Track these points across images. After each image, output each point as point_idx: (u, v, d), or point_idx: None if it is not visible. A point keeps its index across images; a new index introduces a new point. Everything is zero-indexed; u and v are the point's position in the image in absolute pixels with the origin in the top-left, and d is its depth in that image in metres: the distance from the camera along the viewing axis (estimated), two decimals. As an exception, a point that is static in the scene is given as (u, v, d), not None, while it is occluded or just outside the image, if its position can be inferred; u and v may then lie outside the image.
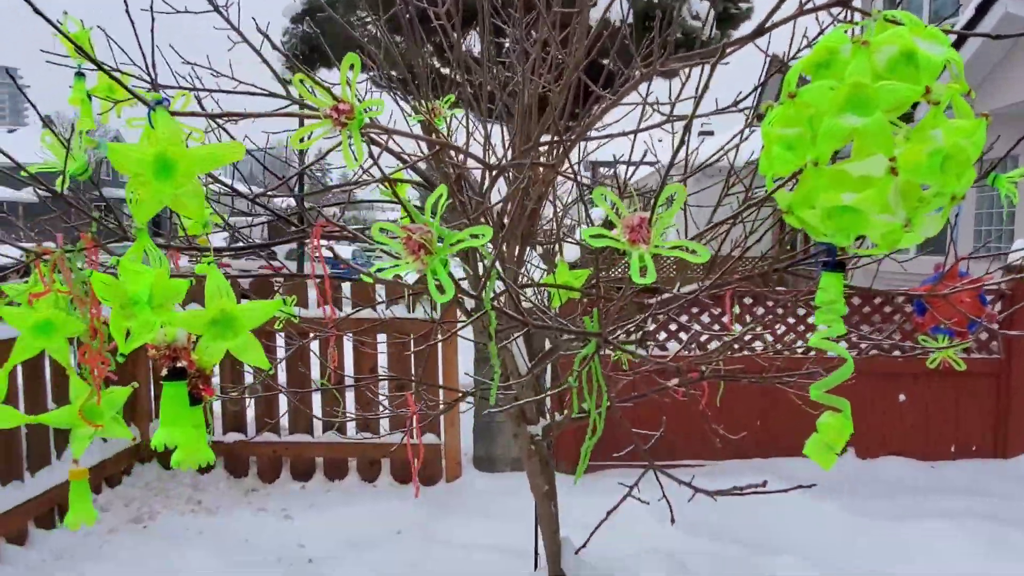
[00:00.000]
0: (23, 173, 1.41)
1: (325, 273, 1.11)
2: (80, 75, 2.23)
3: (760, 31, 0.98)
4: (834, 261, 1.07)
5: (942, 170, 0.85)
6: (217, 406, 4.53)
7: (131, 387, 1.39)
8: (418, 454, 1.55)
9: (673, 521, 1.97)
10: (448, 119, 2.00)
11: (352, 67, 0.95)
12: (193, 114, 0.91)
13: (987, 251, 7.22)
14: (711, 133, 16.49)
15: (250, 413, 4.54)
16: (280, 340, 4.28)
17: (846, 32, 0.92)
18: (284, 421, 4.50)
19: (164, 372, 0.90)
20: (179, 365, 0.90)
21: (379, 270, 0.76)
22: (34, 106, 1.58)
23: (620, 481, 2.12)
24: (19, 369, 3.48)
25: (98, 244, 1.28)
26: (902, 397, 4.59)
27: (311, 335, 3.77)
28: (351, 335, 4.17)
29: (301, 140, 0.96)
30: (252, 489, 4.33)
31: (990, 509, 3.82)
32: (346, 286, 4.30)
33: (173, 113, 0.83)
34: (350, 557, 3.44)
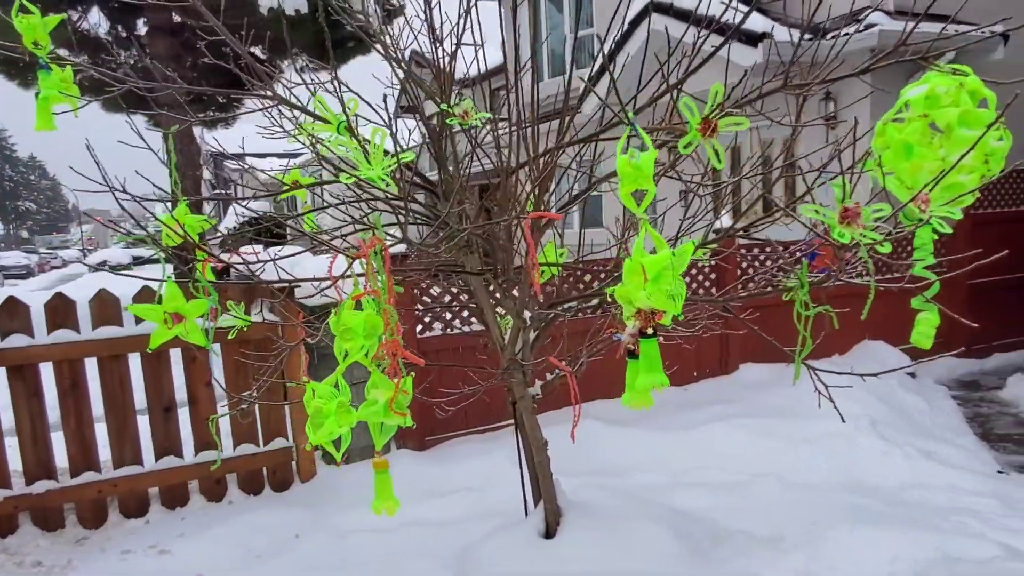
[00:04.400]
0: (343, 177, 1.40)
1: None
2: (45, 68, 2.04)
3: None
4: (927, 221, 1.70)
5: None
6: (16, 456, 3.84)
7: (412, 374, 1.51)
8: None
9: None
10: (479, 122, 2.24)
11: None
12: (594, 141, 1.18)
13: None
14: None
15: (60, 454, 3.92)
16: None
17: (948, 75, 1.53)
18: (105, 456, 3.99)
19: (649, 331, 1.17)
20: (656, 324, 1.17)
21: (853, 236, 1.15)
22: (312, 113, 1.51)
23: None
24: None
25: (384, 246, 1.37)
26: (660, 339, 5.77)
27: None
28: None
29: (686, 146, 1.28)
30: (83, 538, 3.79)
31: (735, 409, 5.09)
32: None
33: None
34: (264, 570, 3.33)
